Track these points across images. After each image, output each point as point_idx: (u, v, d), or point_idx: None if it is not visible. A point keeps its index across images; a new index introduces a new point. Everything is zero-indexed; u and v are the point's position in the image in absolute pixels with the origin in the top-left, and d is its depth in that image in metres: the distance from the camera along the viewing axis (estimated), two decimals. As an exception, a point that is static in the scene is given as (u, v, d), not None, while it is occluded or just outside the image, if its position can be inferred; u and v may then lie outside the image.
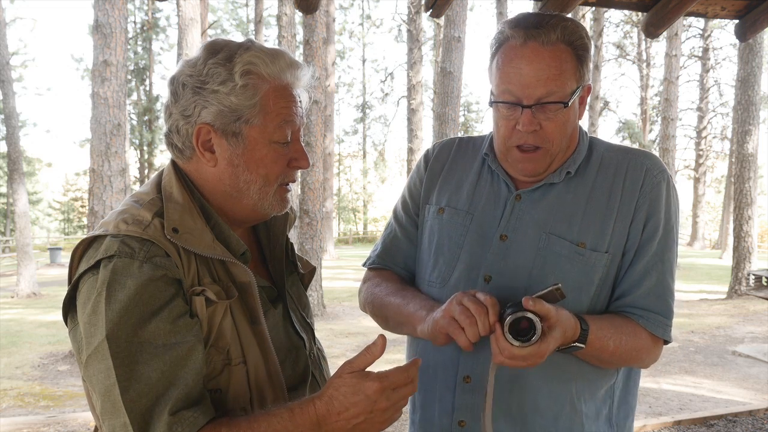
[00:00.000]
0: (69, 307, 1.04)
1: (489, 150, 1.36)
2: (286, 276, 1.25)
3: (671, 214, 1.27)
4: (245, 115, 1.07)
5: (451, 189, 1.39)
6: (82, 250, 1.04)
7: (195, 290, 1.02)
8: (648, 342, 1.24)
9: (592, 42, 1.28)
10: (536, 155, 1.24)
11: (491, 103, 1.24)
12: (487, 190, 1.34)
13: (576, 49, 1.20)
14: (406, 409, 1.33)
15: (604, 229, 1.24)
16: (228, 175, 1.10)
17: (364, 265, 1.52)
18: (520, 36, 1.19)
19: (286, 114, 1.10)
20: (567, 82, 1.18)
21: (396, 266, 1.45)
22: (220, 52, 1.08)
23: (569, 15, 1.96)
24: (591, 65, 1.25)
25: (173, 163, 1.14)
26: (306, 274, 1.34)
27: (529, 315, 1.06)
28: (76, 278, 1.02)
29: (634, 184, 1.26)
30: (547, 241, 1.25)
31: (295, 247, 1.36)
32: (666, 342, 1.28)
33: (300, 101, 1.14)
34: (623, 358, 1.24)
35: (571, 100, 1.20)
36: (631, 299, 1.25)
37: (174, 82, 1.09)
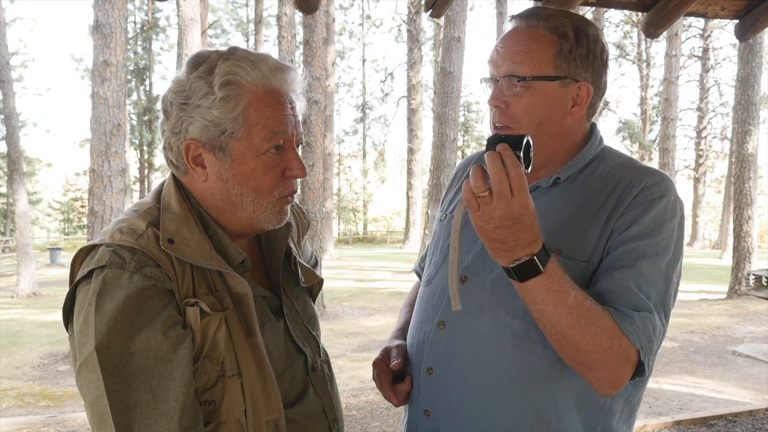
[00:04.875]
0: (69, 314, 1.05)
1: None
2: (291, 287, 1.23)
3: (666, 231, 1.13)
4: (228, 128, 1.05)
5: (459, 198, 1.39)
6: (81, 258, 1.05)
7: (189, 301, 1.02)
8: (611, 327, 1.04)
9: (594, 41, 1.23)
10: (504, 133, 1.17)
11: (482, 81, 1.27)
12: None
13: (559, 37, 1.16)
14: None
15: (586, 238, 1.15)
16: (219, 190, 1.09)
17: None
18: (510, 24, 1.24)
19: (274, 125, 1.07)
20: (536, 62, 1.16)
21: (420, 269, 1.53)
22: (201, 65, 1.06)
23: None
24: (588, 65, 1.17)
25: (173, 174, 1.14)
26: (314, 285, 1.30)
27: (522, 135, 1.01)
28: (73, 286, 1.03)
29: (626, 197, 1.17)
30: None
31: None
32: (640, 363, 1.06)
33: (292, 106, 1.10)
34: (578, 326, 1.03)
35: (532, 79, 1.16)
36: (593, 292, 1.10)
37: (164, 101, 1.10)
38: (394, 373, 1.31)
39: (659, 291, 1.11)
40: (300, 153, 1.15)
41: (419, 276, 1.54)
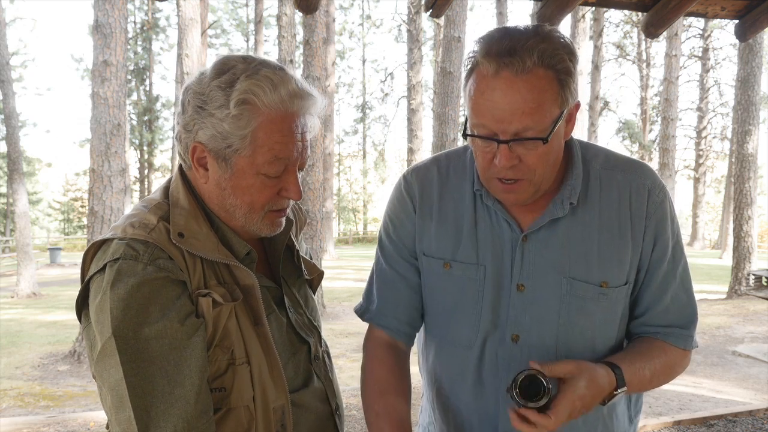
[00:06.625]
0: (82, 306, 1.08)
1: (480, 185, 1.23)
2: (293, 279, 1.27)
3: (675, 229, 1.26)
4: (234, 144, 1.07)
5: (450, 237, 1.26)
6: (92, 253, 1.08)
7: (201, 292, 1.05)
8: (677, 355, 1.27)
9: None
10: (517, 186, 1.13)
11: (465, 136, 1.12)
12: (490, 233, 1.23)
13: (558, 72, 1.05)
14: None
15: (623, 262, 1.20)
16: (216, 195, 1.13)
17: (359, 314, 1.37)
18: (492, 65, 1.04)
19: (279, 150, 1.08)
20: (547, 113, 1.05)
21: (398, 322, 1.31)
22: (225, 74, 1.07)
23: (568, 15, 1.94)
24: (576, 84, 1.10)
25: (181, 169, 1.17)
26: (314, 278, 1.34)
27: (533, 372, 1.04)
28: (86, 280, 1.06)
29: (640, 208, 1.21)
30: (569, 286, 1.18)
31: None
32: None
33: (303, 131, 1.11)
34: (661, 379, 1.26)
35: (552, 132, 1.07)
36: (650, 317, 1.25)
37: (185, 94, 1.12)
38: None
39: (689, 281, 1.27)
40: (301, 177, 1.16)
41: (374, 323, 1.34)
